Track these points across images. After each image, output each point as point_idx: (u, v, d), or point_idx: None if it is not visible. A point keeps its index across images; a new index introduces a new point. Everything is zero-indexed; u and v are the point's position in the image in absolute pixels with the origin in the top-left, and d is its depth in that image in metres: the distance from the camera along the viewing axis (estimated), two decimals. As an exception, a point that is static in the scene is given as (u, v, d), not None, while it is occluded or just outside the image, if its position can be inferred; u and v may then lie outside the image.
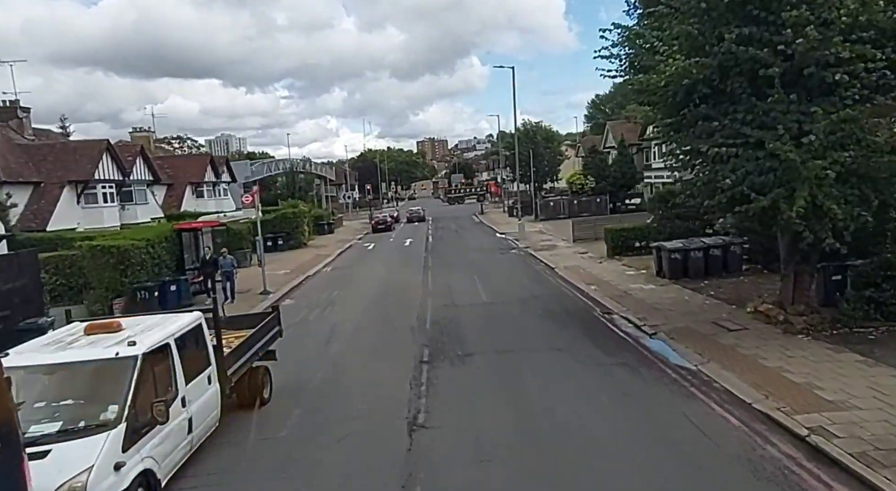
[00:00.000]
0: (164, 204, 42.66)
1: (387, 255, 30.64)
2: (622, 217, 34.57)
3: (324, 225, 45.78)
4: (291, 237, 34.50)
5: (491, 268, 23.42)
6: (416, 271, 23.40)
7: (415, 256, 28.31)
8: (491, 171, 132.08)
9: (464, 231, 42.50)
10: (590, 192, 46.05)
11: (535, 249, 28.31)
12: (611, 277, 18.84)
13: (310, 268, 26.28)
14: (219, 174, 47.43)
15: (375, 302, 18.00)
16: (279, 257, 30.76)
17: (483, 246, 31.58)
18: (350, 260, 29.53)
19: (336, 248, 34.90)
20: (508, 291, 18.12)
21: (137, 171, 34.99)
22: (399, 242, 36.58)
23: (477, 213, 60.92)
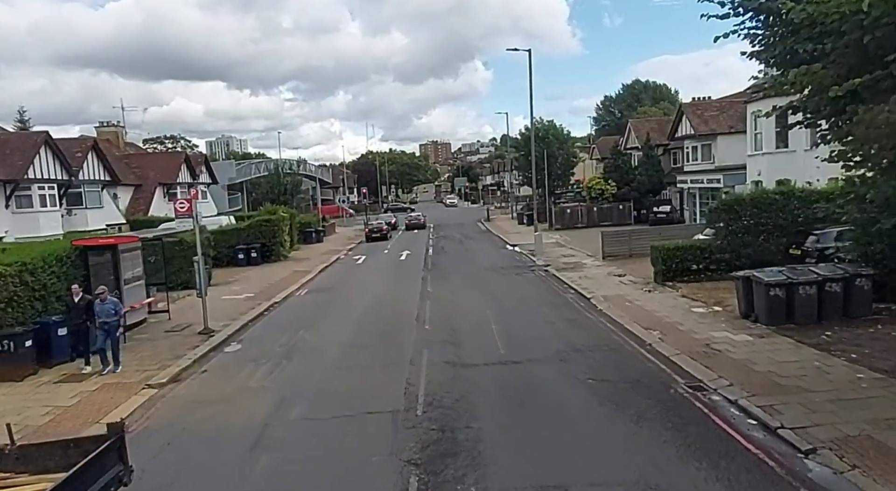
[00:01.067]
0: (129, 208, 37.81)
1: (378, 273, 25.55)
2: (652, 228, 29.42)
3: (312, 233, 40.74)
4: (268, 249, 29.45)
5: (507, 296, 18.33)
6: (411, 299, 18.33)
7: (411, 276, 23.24)
8: (495, 175, 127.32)
9: (469, 241, 37.40)
10: (611, 198, 40.96)
11: (557, 267, 23.21)
12: (676, 317, 13.73)
13: (280, 290, 21.23)
14: (196, 175, 42.49)
15: (351, 353, 12.92)
16: (248, 274, 25.70)
17: (494, 262, 26.50)
18: (333, 279, 24.46)
19: (320, 261, 29.85)
20: (536, 338, 13.03)
21: (88, 170, 30.04)
22: (394, 256, 31.50)
23: (483, 219, 55.84)
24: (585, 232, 37.13)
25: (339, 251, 34.95)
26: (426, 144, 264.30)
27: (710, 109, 34.91)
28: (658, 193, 40.95)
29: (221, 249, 28.75)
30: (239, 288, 22.04)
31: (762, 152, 26.21)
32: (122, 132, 42.84)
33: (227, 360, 12.85)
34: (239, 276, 25.42)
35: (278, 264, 28.90)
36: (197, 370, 12.07)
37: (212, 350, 13.48)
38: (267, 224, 29.21)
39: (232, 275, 25.73)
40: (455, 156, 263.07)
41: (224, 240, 28.80)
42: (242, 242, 28.90)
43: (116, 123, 42.49)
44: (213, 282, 23.06)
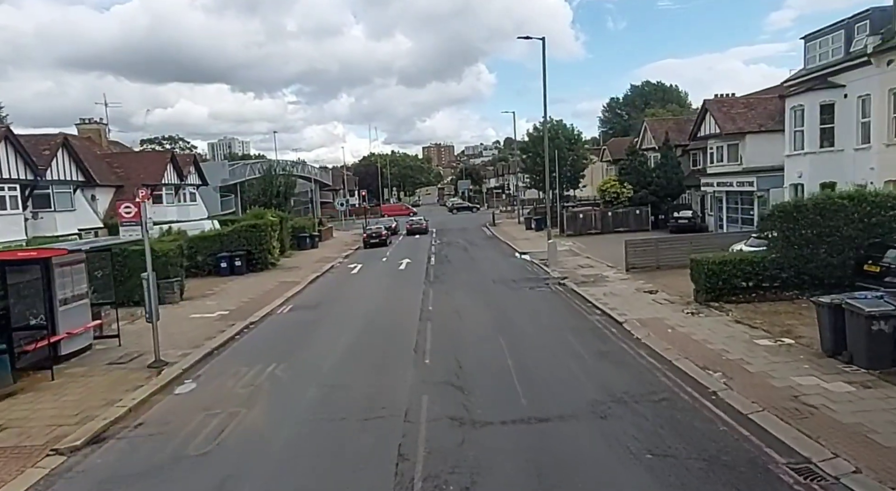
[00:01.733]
0: (109, 211, 35.19)
1: (373, 285, 22.85)
2: (681, 237, 26.70)
3: (306, 238, 38.11)
4: (254, 257, 26.78)
5: (521, 317, 15.59)
6: (410, 321, 15.62)
7: (410, 290, 20.55)
8: (500, 178, 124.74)
9: (475, 249, 34.67)
10: (626, 202, 38.19)
11: (576, 281, 20.49)
12: (738, 353, 10.99)
13: (261, 306, 18.55)
14: (183, 175, 39.89)
15: (330, 399, 10.21)
16: (229, 286, 23.03)
17: (502, 273, 23.77)
18: (322, 293, 21.76)
19: (312, 270, 27.17)
20: (564, 381, 10.30)
21: (58, 169, 27.45)
22: (393, 264, 28.80)
23: (488, 224, 53.13)
24: (600, 239, 34.41)
25: (333, 259, 32.27)
26: (429, 147, 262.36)
27: (736, 106, 32.16)
28: (677, 197, 38.18)
29: (203, 256, 26.17)
30: (214, 303, 19.37)
31: (803, 152, 23.45)
32: (105, 130, 40.30)
33: (172, 407, 10.14)
34: (218, 287, 22.76)
35: (265, 274, 26.23)
36: (129, 424, 9.37)
37: (158, 391, 10.79)
38: (252, 230, 26.55)
39: (211, 286, 23.08)
40: (458, 158, 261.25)
41: (205, 247, 26.19)
42: (226, 250, 26.27)
43: (99, 120, 39.95)
44: (187, 295, 20.47)
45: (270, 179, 41.92)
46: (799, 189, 23.67)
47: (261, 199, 40.54)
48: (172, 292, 19.29)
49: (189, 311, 18.12)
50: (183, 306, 18.90)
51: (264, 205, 40.79)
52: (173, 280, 19.33)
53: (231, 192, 54.79)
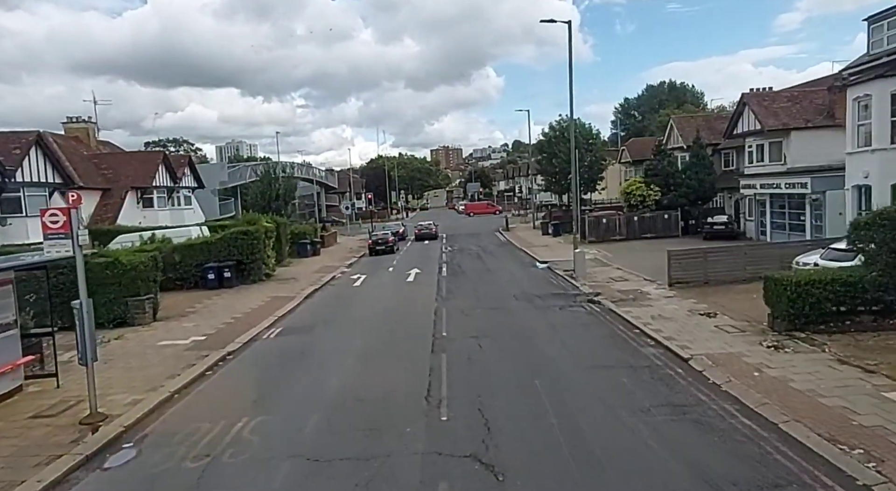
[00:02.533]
0: (94, 215, 32.67)
1: (377, 302, 20.02)
2: (732, 247, 23.77)
3: (306, 245, 35.37)
4: (246, 267, 24.03)
5: (558, 351, 12.68)
6: (420, 353, 12.79)
7: (419, 310, 17.72)
8: (510, 180, 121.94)
9: (489, 257, 31.78)
10: (653, 205, 35.16)
11: (612, 297, 17.58)
12: (871, 414, 8.05)
13: (245, 329, 15.76)
14: (177, 178, 37.33)
15: (309, 486, 7.38)
16: (213, 302, 20.27)
17: (524, 287, 20.88)
18: (318, 311, 18.95)
19: (310, 283, 24.39)
20: (637, 458, 7.40)
21: (31, 170, 24.87)
22: (400, 275, 25.96)
23: (501, 228, 50.25)
24: (626, 246, 31.43)
25: (335, 268, 29.50)
26: (437, 150, 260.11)
27: (779, 100, 29.12)
28: (708, 201, 35.14)
29: (188, 267, 23.46)
30: (191, 325, 16.60)
31: (870, 149, 20.40)
32: (94, 129, 37.81)
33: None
34: (202, 304, 20.01)
35: (257, 287, 23.46)
36: (21, 527, 6.58)
37: (81, 465, 8.00)
38: (243, 237, 23.79)
39: (194, 302, 20.34)
40: (466, 161, 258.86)
41: (191, 256, 23.47)
42: (214, 259, 23.53)
43: (88, 119, 37.46)
44: (163, 314, 17.72)
45: (269, 182, 39.24)
46: (864, 191, 20.66)
47: (259, 202, 37.90)
48: (143, 312, 16.56)
49: (160, 336, 15.35)
50: (154, 329, 16.15)
51: (262, 209, 38.20)
52: (144, 298, 16.58)
53: (231, 195, 52.35)
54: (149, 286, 16.93)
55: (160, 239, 24.38)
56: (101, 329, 15.98)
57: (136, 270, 16.49)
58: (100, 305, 16.19)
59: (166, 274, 23.29)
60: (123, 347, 14.23)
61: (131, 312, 16.46)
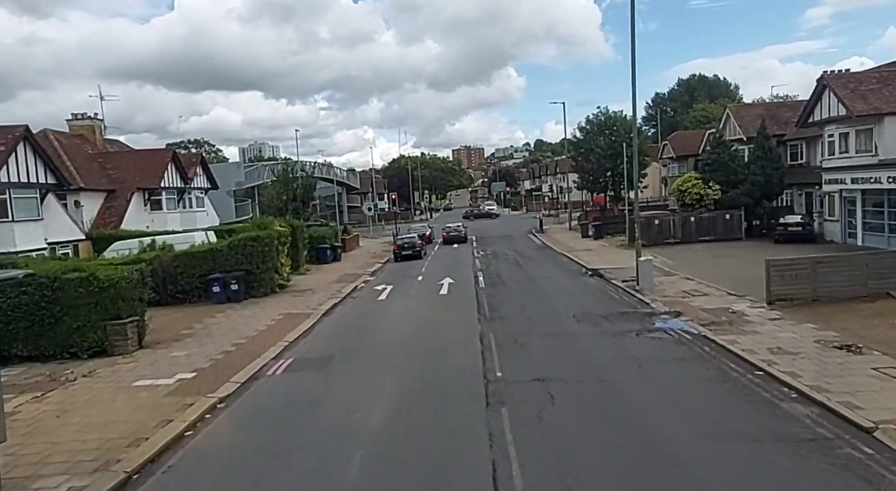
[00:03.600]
0: (98, 218, 30.15)
1: (407, 323, 16.79)
2: (848, 258, 19.99)
3: (326, 250, 32.38)
4: (255, 278, 21.03)
5: (660, 408, 9.25)
6: (470, 408, 9.50)
7: (461, 337, 14.42)
8: (536, 180, 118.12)
9: (529, 263, 28.36)
10: (711, 204, 31.32)
11: (699, 319, 14.10)
12: None
13: (246, 362, 12.66)
14: (188, 178, 34.67)
15: None
16: (215, 321, 17.24)
17: (581, 303, 17.44)
18: (337, 335, 15.79)
19: (329, 295, 21.31)
20: None
21: (18, 169, 22.23)
22: (431, 286, 22.71)
23: (535, 230, 46.75)
24: (685, 251, 27.73)
25: (357, 276, 26.41)
26: (459, 150, 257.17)
27: (867, 82, 25.19)
28: (774, 198, 31.23)
29: (190, 279, 20.58)
30: (183, 354, 13.55)
31: None
32: (100, 126, 35.35)
33: None
34: (202, 323, 17.02)
35: (268, 301, 20.45)
36: None
37: None
38: (252, 244, 20.77)
39: (193, 321, 17.38)
40: (488, 161, 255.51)
41: (193, 266, 20.58)
42: (219, 269, 20.57)
43: (94, 116, 35.01)
44: (152, 338, 14.77)
45: (287, 182, 36.32)
46: None
47: (275, 203, 35.04)
48: (124, 339, 13.56)
49: (140, 371, 12.33)
50: (136, 361, 13.13)
51: (279, 211, 35.38)
52: (126, 321, 13.58)
53: (249, 196, 49.80)
54: (133, 306, 13.94)
55: (160, 246, 21.57)
56: (73, 360, 13.12)
57: (117, 288, 13.50)
58: (72, 331, 13.36)
59: (166, 286, 20.56)
60: (89, 389, 11.21)
61: (111, 339, 13.50)
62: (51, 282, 13.19)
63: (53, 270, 13.36)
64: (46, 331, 13.24)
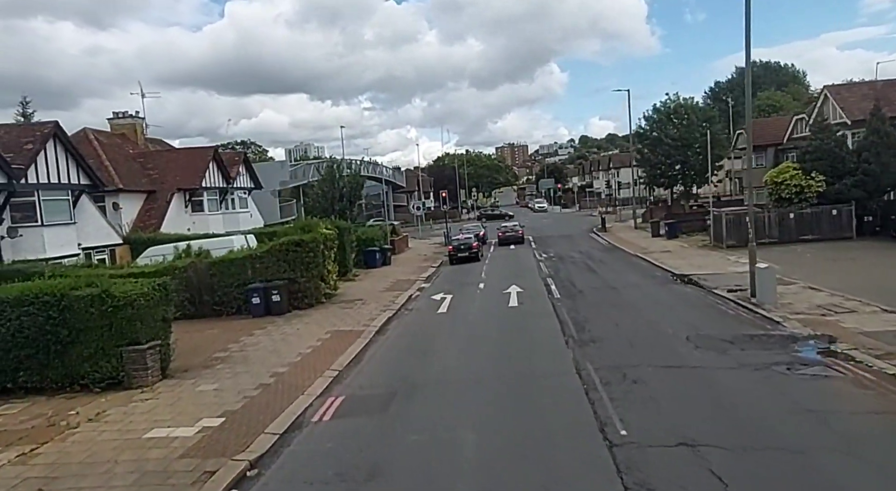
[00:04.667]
0: (137, 221, 28.62)
1: (476, 344, 13.96)
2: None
3: (375, 253, 29.95)
4: (300, 288, 18.65)
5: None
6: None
7: (549, 364, 11.52)
8: (586, 176, 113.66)
9: (602, 267, 25.11)
10: (813, 198, 27.22)
11: (864, 346, 10.73)
12: None
13: (286, 402, 10.11)
14: (230, 178, 32.94)
15: None
16: (252, 341, 14.81)
17: (688, 319, 14.20)
18: (395, 362, 13.12)
19: (381, 306, 18.74)
20: None
21: (46, 169, 20.55)
22: (496, 295, 19.83)
23: (596, 229, 43.20)
24: (787, 253, 23.84)
25: (410, 282, 23.80)
26: (502, 147, 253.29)
27: None
28: (887, 191, 26.89)
29: (228, 288, 18.38)
30: (211, 388, 11.11)
31: None
32: (142, 125, 33.99)
33: None
34: (237, 343, 14.66)
35: (314, 314, 18.02)
36: None
37: None
38: (296, 249, 18.36)
39: (228, 340, 15.06)
40: (533, 158, 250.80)
41: (231, 274, 18.36)
42: (259, 278, 18.27)
43: (135, 114, 33.68)
44: (178, 365, 12.48)
45: (333, 180, 34.08)
46: None
47: (321, 203, 32.87)
48: (144, 368, 11.24)
49: (158, 414, 9.95)
50: (156, 397, 10.78)
51: (325, 211, 33.20)
52: (146, 347, 11.26)
53: (293, 196, 48.08)
54: (154, 329, 11.62)
55: (196, 252, 19.47)
56: (84, 393, 10.88)
57: (135, 307, 11.19)
58: (82, 359, 11.10)
59: (202, 297, 18.42)
60: (91, 441, 8.85)
61: (127, 369, 11.20)
62: (57, 301, 10.98)
63: (60, 287, 11.15)
64: (52, 360, 11.05)
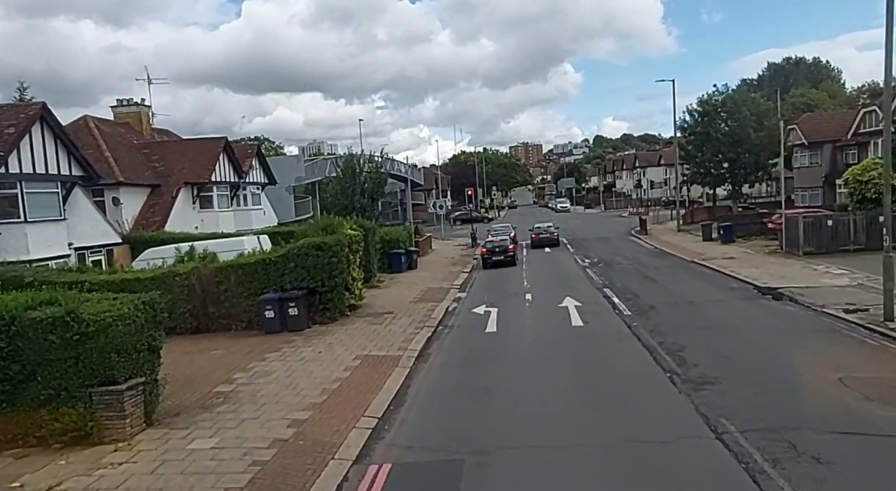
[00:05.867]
0: (139, 217, 25.94)
1: (550, 381, 10.97)
2: None
3: (400, 256, 27.03)
4: (322, 298, 15.76)
5: None
6: None
7: (666, 417, 8.53)
8: (607, 175, 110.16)
9: (660, 275, 22.00)
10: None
11: None
12: None
13: (306, 475, 7.20)
14: (242, 172, 30.23)
15: None
16: (266, 369, 11.88)
17: (821, 352, 11.08)
18: (450, 408, 10.19)
19: (416, 321, 15.81)
20: None
21: (32, 159, 17.85)
22: (550, 311, 16.80)
23: (634, 231, 39.99)
24: (876, 260, 20.45)
25: (443, 291, 20.87)
26: (516, 146, 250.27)
27: None
28: None
29: (237, 299, 15.55)
30: (208, 447, 8.20)
31: None
32: (148, 113, 31.37)
33: None
34: (246, 373, 11.77)
35: (337, 330, 15.10)
36: None
37: None
38: (318, 253, 15.44)
39: (234, 366, 12.20)
40: (547, 157, 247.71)
41: (241, 282, 15.51)
42: (274, 287, 15.39)
43: (140, 102, 31.06)
44: (170, 405, 9.58)
45: (353, 175, 31.15)
46: None
47: (339, 200, 30.01)
48: (121, 416, 8.36)
49: (126, 486, 7.08)
50: (132, 459, 7.90)
51: (344, 209, 30.35)
52: (124, 388, 8.39)
53: (309, 193, 45.37)
54: (136, 362, 8.75)
55: (200, 255, 16.66)
56: (41, 449, 8.06)
57: (110, 333, 8.34)
58: (38, 404, 8.27)
59: (207, 308, 15.62)
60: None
61: (97, 417, 8.34)
62: (5, 325, 8.16)
63: (11, 306, 8.33)
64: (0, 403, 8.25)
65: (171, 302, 15.43)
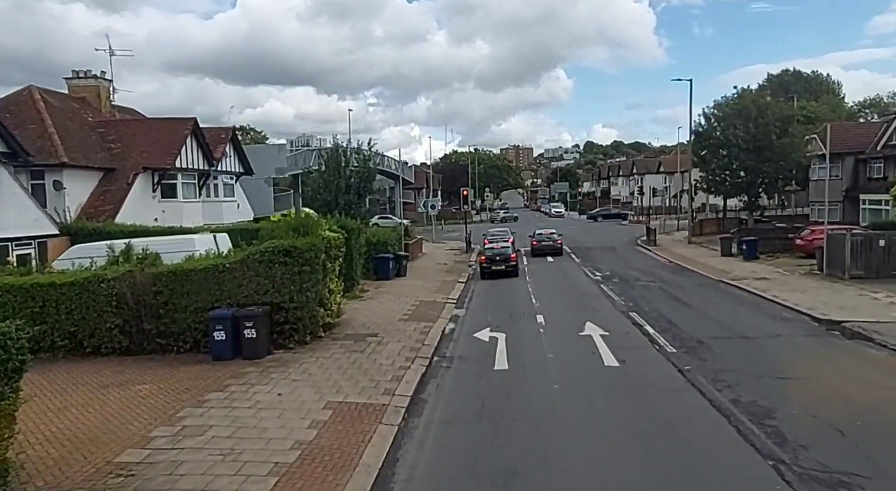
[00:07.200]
0: (88, 205, 22.39)
1: (594, 460, 7.78)
2: None
3: (388, 261, 23.74)
4: (287, 318, 12.44)
5: None
6: None
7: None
8: (602, 181, 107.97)
9: (689, 296, 18.97)
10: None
11: None
12: None
13: None
14: (213, 158, 26.78)
15: None
16: (201, 422, 8.38)
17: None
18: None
19: (406, 349, 12.55)
20: None
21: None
22: (570, 341, 13.65)
23: (641, 241, 37.09)
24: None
25: (438, 306, 17.66)
26: (507, 149, 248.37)
27: None
28: None
29: (182, 313, 12.22)
30: None
31: None
32: (108, 88, 27.75)
33: None
34: (173, 425, 8.41)
35: (306, 360, 11.78)
36: None
37: None
38: (285, 260, 12.15)
39: (162, 412, 8.85)
40: (538, 161, 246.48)
41: (187, 293, 12.17)
42: (228, 299, 12.05)
43: (100, 75, 27.43)
44: (42, 484, 6.02)
45: (337, 168, 27.79)
46: None
47: (322, 195, 26.68)
48: None
49: None
50: None
51: (326, 205, 26.99)
52: None
53: (292, 186, 41.84)
54: None
55: (138, 256, 13.26)
56: None
57: None
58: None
59: (141, 323, 12.27)
60: None
61: None
62: None
63: None
64: None
65: (97, 315, 12.25)
